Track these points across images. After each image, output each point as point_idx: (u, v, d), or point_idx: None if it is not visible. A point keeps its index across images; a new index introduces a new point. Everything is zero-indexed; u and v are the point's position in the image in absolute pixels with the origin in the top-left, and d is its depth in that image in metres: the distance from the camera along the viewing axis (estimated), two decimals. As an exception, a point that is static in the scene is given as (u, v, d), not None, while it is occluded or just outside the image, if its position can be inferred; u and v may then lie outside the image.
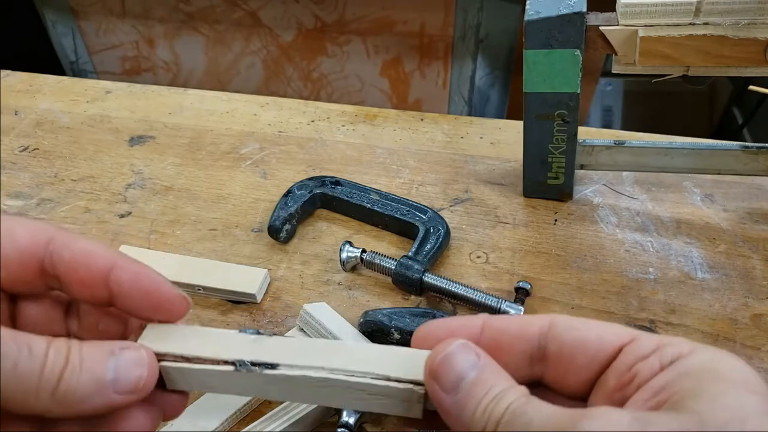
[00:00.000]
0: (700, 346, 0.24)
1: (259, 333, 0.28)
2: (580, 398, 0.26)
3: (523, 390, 0.24)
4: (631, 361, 0.24)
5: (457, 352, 0.25)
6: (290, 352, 0.27)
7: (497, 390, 0.24)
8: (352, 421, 0.40)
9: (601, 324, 0.26)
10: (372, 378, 0.26)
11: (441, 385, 0.24)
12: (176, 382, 0.27)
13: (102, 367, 0.24)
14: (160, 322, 0.28)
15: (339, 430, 0.40)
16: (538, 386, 0.27)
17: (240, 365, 0.26)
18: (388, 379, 0.26)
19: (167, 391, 0.28)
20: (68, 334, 0.29)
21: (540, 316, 0.26)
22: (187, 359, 0.26)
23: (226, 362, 0.26)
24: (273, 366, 0.26)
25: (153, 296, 0.27)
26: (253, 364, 0.26)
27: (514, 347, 0.26)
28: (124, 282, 0.26)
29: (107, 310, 0.29)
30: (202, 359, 0.26)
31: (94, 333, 0.29)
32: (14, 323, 0.28)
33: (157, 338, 0.27)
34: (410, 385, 0.26)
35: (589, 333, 0.25)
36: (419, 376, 0.26)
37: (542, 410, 0.22)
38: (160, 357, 0.27)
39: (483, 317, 0.27)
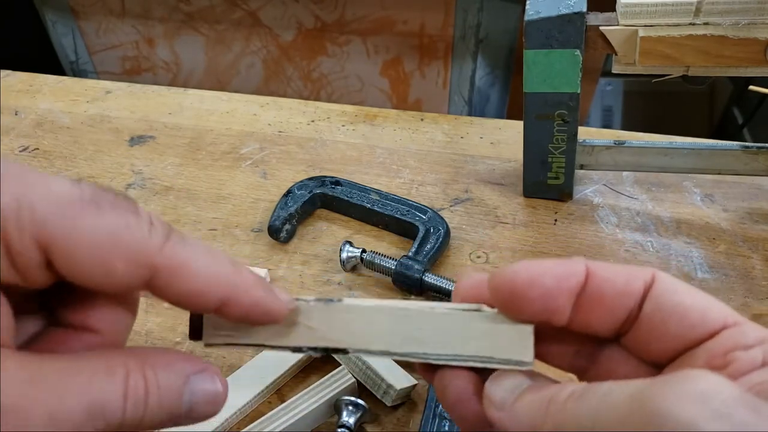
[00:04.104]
0: None
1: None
2: (653, 365, 0.24)
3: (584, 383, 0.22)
4: (730, 347, 0.22)
5: (504, 374, 0.24)
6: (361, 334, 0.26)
7: (554, 387, 0.22)
8: (352, 421, 0.40)
9: (705, 296, 0.24)
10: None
11: (494, 403, 0.24)
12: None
13: (178, 402, 0.23)
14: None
15: (339, 430, 0.40)
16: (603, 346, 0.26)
17: (305, 350, 0.26)
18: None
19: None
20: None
21: (643, 269, 0.24)
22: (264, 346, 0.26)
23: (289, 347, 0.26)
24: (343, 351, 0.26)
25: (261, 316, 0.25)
26: (321, 349, 0.26)
27: (619, 302, 0.24)
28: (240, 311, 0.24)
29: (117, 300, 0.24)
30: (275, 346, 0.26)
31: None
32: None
33: (218, 327, 0.26)
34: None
35: (693, 303, 0.23)
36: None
37: (620, 382, 0.20)
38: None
39: (583, 262, 0.24)
